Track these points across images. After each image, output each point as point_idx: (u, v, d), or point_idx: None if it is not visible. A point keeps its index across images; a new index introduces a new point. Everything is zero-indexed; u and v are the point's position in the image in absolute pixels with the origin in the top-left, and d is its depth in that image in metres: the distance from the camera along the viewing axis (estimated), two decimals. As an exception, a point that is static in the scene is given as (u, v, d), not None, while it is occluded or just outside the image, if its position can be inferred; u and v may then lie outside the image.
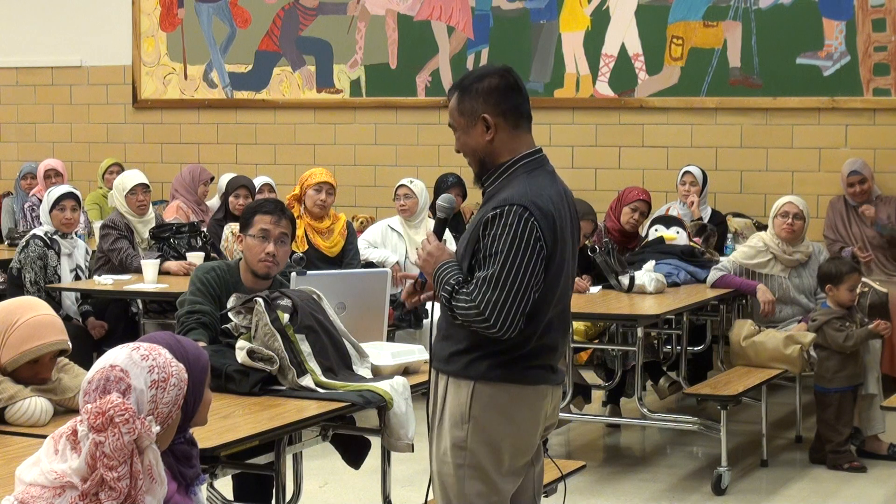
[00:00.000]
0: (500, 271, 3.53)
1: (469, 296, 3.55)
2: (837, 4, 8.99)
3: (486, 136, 3.71)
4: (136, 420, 2.70)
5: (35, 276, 7.50)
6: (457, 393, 3.68)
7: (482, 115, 3.71)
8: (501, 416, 3.66)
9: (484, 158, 3.73)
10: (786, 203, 7.38)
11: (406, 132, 10.14)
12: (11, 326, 3.84)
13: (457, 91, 3.77)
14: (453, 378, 3.69)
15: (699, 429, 6.92)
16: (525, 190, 3.61)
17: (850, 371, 6.82)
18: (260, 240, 4.89)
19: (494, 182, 3.71)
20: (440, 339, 3.76)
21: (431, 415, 3.77)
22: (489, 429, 3.66)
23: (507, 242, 3.54)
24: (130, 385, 2.74)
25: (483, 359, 3.64)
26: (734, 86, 9.24)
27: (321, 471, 6.28)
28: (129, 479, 2.68)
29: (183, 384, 2.83)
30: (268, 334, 4.38)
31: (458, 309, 3.57)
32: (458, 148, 3.81)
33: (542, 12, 9.69)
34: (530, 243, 3.55)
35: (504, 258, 3.53)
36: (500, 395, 3.65)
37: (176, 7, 10.73)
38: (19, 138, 11.36)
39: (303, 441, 4.75)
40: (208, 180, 9.67)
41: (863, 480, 6.61)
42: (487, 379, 3.64)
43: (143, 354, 2.80)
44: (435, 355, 3.79)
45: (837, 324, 6.80)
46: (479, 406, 3.65)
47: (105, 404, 2.70)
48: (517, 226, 3.54)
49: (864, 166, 8.62)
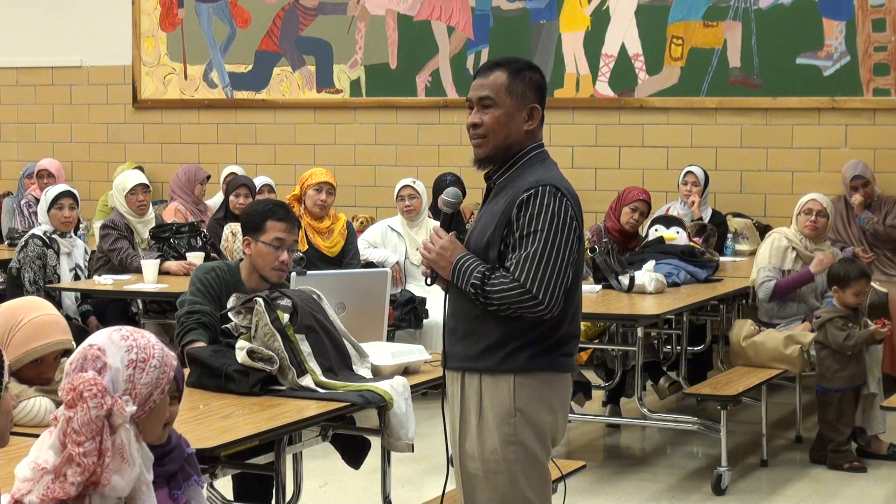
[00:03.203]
0: (542, 248, 3.55)
1: (509, 277, 3.55)
2: (837, 4, 8.99)
3: (527, 125, 3.72)
4: (105, 395, 2.67)
5: (34, 276, 7.50)
6: (496, 388, 3.66)
7: (533, 104, 3.72)
8: (545, 406, 3.69)
9: (511, 144, 3.71)
10: (809, 200, 7.37)
11: (406, 132, 10.14)
12: (16, 326, 3.84)
13: (504, 70, 3.72)
14: (489, 374, 3.67)
15: (699, 429, 6.92)
16: (550, 174, 3.68)
17: (851, 371, 6.81)
18: (275, 249, 4.88)
19: (506, 172, 3.73)
20: (459, 339, 3.73)
21: (461, 417, 3.72)
22: (535, 419, 3.67)
23: (546, 220, 3.57)
24: (106, 363, 2.73)
25: (519, 350, 3.65)
26: (734, 86, 9.24)
27: (321, 471, 6.28)
28: (96, 456, 2.65)
29: (168, 369, 2.79)
30: (268, 334, 4.38)
31: (496, 294, 3.55)
32: (487, 122, 3.70)
33: (542, 12, 9.69)
34: (566, 221, 3.59)
35: (544, 235, 3.56)
36: (541, 385, 3.68)
37: (176, 7, 10.73)
38: (19, 138, 11.36)
39: (303, 441, 4.75)
40: (205, 179, 9.67)
41: (863, 480, 6.61)
42: (527, 370, 3.66)
43: (124, 335, 2.78)
44: (457, 355, 3.74)
45: (840, 323, 6.80)
46: (524, 398, 3.65)
47: (77, 379, 2.69)
48: (554, 204, 3.59)
49: (865, 169, 8.62)
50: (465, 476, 3.75)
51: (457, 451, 3.75)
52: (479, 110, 3.72)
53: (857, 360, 6.82)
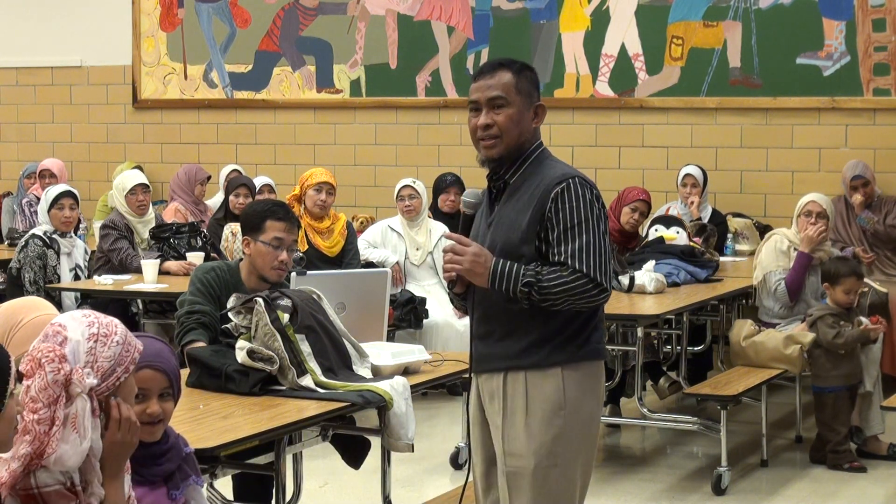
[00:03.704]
0: (592, 237, 3.62)
1: (567, 269, 3.58)
2: (837, 4, 8.99)
3: (534, 123, 3.79)
4: (63, 362, 2.67)
5: (34, 276, 7.50)
6: (543, 384, 3.68)
7: (539, 103, 3.79)
8: (591, 395, 3.74)
9: (522, 143, 3.75)
10: (809, 202, 7.36)
11: (406, 132, 10.14)
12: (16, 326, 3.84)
13: (509, 69, 3.76)
14: (535, 370, 3.69)
15: (699, 429, 6.92)
16: (570, 168, 3.76)
17: (844, 370, 6.82)
18: (274, 248, 4.88)
19: (518, 171, 3.75)
20: (497, 340, 3.73)
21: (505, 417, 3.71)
22: (583, 410, 3.71)
23: (586, 210, 3.64)
24: (67, 337, 2.72)
25: (564, 343, 3.68)
26: (734, 86, 9.24)
27: (321, 471, 6.28)
28: (48, 425, 2.63)
29: (132, 349, 2.78)
30: (268, 334, 4.38)
31: (556, 287, 3.57)
32: (501, 122, 3.72)
33: (542, 12, 9.69)
34: (599, 209, 3.68)
35: (590, 226, 3.63)
36: (586, 375, 3.73)
37: (176, 7, 10.73)
38: (19, 138, 11.36)
39: (303, 441, 4.75)
40: (205, 180, 9.67)
41: (863, 480, 6.61)
42: (573, 361, 3.69)
43: (85, 314, 2.79)
44: (497, 356, 3.74)
45: (830, 320, 6.81)
46: (572, 390, 3.69)
47: (35, 350, 2.69)
48: (589, 194, 3.66)
49: (865, 169, 8.61)
50: (511, 475, 3.72)
51: (501, 451, 3.73)
52: (491, 111, 3.73)
53: (851, 358, 6.82)
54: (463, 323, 8.26)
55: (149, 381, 3.02)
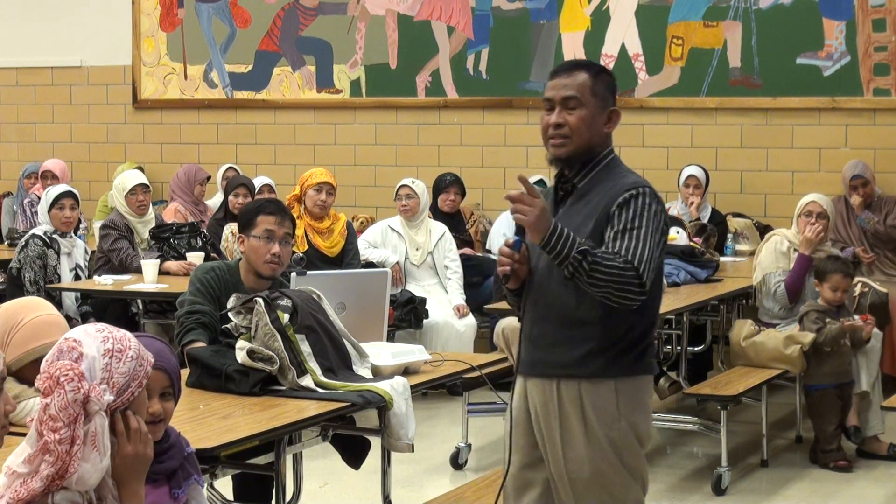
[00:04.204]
0: (644, 239, 3.59)
1: (619, 256, 3.56)
2: (837, 4, 8.99)
3: (606, 128, 3.79)
4: (82, 380, 2.67)
5: (35, 276, 7.50)
6: (598, 394, 3.68)
7: (612, 108, 3.80)
8: (643, 408, 3.75)
9: (592, 146, 3.75)
10: (809, 202, 7.36)
11: (406, 132, 10.14)
12: (16, 326, 3.85)
13: (587, 72, 3.77)
14: (590, 380, 3.68)
15: (699, 429, 6.92)
16: (643, 179, 3.75)
17: (832, 368, 6.82)
18: (265, 241, 4.89)
19: (587, 175, 3.75)
20: (550, 345, 3.72)
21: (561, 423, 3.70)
22: (636, 421, 3.72)
23: (647, 219, 3.62)
24: (82, 353, 2.72)
25: (619, 356, 3.68)
26: (734, 86, 9.24)
27: (321, 471, 6.28)
28: (69, 444, 2.64)
29: (145, 363, 2.79)
30: (268, 334, 4.38)
31: (605, 263, 3.53)
32: (572, 122, 3.72)
33: (542, 12, 9.69)
34: (661, 223, 3.67)
35: (647, 231, 3.61)
36: (638, 389, 3.73)
37: (176, 7, 10.73)
38: (19, 138, 11.35)
39: (303, 441, 4.75)
40: (204, 180, 9.67)
41: (863, 480, 6.61)
42: (627, 374, 3.69)
43: (99, 328, 2.79)
44: (549, 362, 3.72)
45: (815, 316, 6.83)
46: (626, 402, 3.69)
47: (52, 367, 2.69)
48: (655, 207, 3.66)
49: (865, 168, 8.62)
50: (572, 482, 3.72)
51: (559, 458, 3.72)
52: (564, 110, 3.73)
53: (840, 357, 6.82)
54: (463, 323, 8.26)
55: (150, 381, 3.03)
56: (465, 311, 8.34)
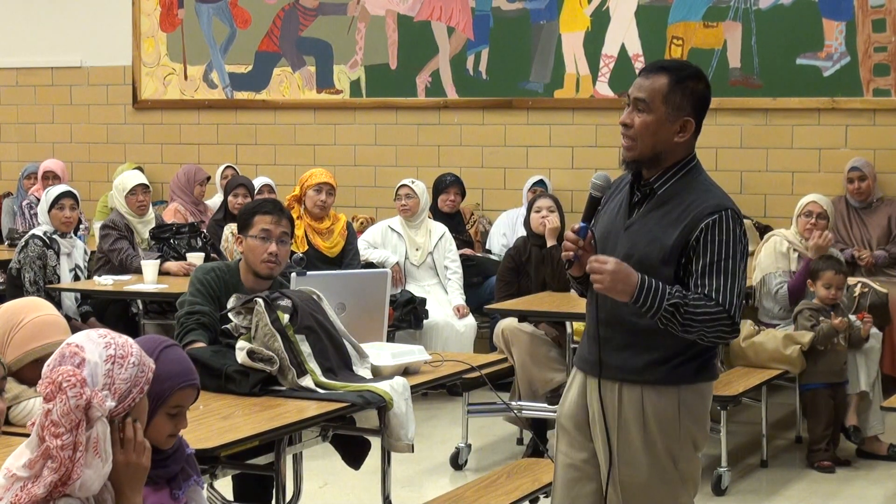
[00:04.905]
0: (735, 277, 3.59)
1: (712, 300, 3.54)
2: (837, 5, 8.99)
3: (678, 137, 3.68)
4: (84, 386, 2.67)
5: (34, 276, 7.50)
6: (660, 401, 3.65)
7: (687, 117, 3.67)
8: (703, 414, 3.73)
9: (661, 153, 3.68)
10: (809, 202, 7.36)
11: (406, 133, 10.14)
12: (16, 326, 3.85)
13: (668, 77, 3.65)
14: (653, 386, 3.65)
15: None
16: (724, 195, 3.68)
17: (825, 367, 6.83)
18: (262, 240, 4.89)
19: (668, 182, 3.69)
20: (616, 349, 3.68)
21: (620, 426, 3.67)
22: (696, 428, 3.70)
23: (733, 247, 3.59)
24: (84, 358, 2.72)
25: (684, 364, 3.65)
26: (734, 86, 9.24)
27: (321, 471, 6.28)
28: (71, 450, 2.64)
29: (146, 368, 2.79)
30: (268, 335, 4.38)
31: (700, 314, 3.52)
32: (636, 126, 3.67)
33: (542, 13, 9.69)
34: (745, 245, 3.65)
35: (735, 263, 3.59)
36: (699, 396, 3.71)
37: (176, 7, 10.73)
38: (19, 139, 11.36)
39: (303, 441, 4.75)
40: (204, 180, 9.68)
41: (863, 481, 6.61)
42: (690, 382, 3.67)
43: (101, 334, 2.79)
44: (615, 365, 3.68)
45: (808, 314, 6.84)
46: (687, 409, 3.67)
47: (55, 373, 2.69)
48: (736, 231, 3.61)
49: (865, 164, 8.62)
50: (623, 484, 3.70)
51: (613, 458, 3.69)
52: (634, 111, 3.68)
53: (833, 356, 6.83)
54: (463, 323, 8.27)
55: (188, 399, 3.03)
56: (464, 311, 8.34)
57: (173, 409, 2.94)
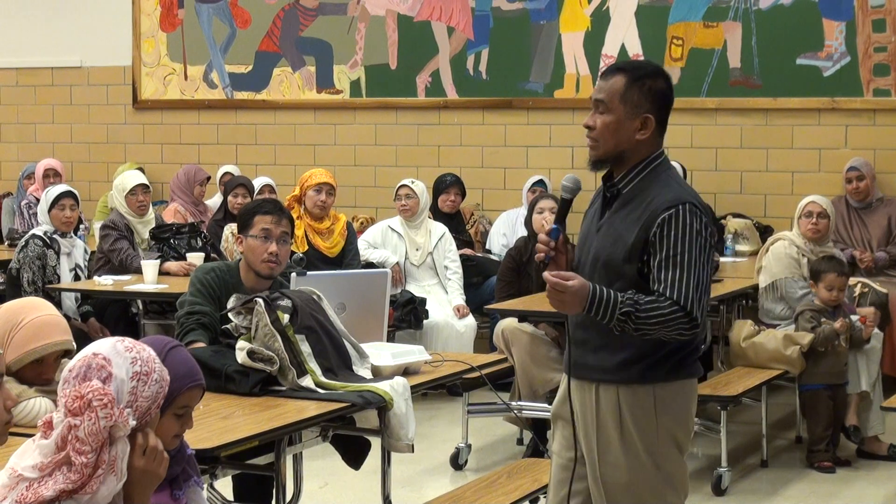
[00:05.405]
0: (692, 269, 3.56)
1: (664, 299, 3.54)
2: (837, 5, 8.99)
3: (638, 135, 3.70)
4: (114, 407, 2.67)
5: (33, 276, 7.49)
6: (636, 400, 3.67)
7: (646, 114, 3.69)
8: (683, 411, 3.73)
9: (624, 152, 3.70)
10: (809, 203, 7.36)
11: (406, 133, 10.14)
12: (16, 326, 3.84)
13: (624, 76, 3.69)
14: (628, 385, 3.67)
15: (699, 429, 6.92)
16: (685, 191, 3.68)
17: (825, 369, 6.83)
18: (262, 240, 4.89)
19: (631, 181, 3.70)
20: (592, 350, 3.71)
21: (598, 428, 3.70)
22: (675, 426, 3.70)
23: (690, 240, 3.58)
24: (112, 373, 2.71)
25: (659, 362, 3.66)
26: (734, 86, 9.24)
27: (321, 471, 6.28)
28: (92, 468, 2.64)
29: (164, 384, 2.80)
30: (268, 335, 4.38)
31: (651, 319, 3.53)
32: (598, 127, 3.70)
33: (542, 13, 9.69)
34: (706, 239, 3.62)
35: (693, 257, 3.57)
36: (678, 393, 3.71)
37: (176, 7, 10.73)
38: (19, 139, 11.36)
39: (303, 441, 4.75)
40: (204, 180, 9.67)
41: (863, 481, 6.61)
42: (666, 380, 3.68)
43: (128, 347, 2.77)
44: (590, 366, 3.71)
45: (809, 315, 6.83)
46: (664, 407, 3.68)
47: (84, 388, 2.67)
48: (696, 224, 3.60)
49: (864, 164, 8.62)
50: (605, 484, 3.72)
51: (594, 459, 3.72)
52: (595, 113, 3.72)
53: (835, 357, 6.82)
54: (463, 323, 8.27)
55: (195, 399, 3.03)
56: (465, 311, 8.34)
57: (180, 410, 2.94)
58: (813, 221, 7.29)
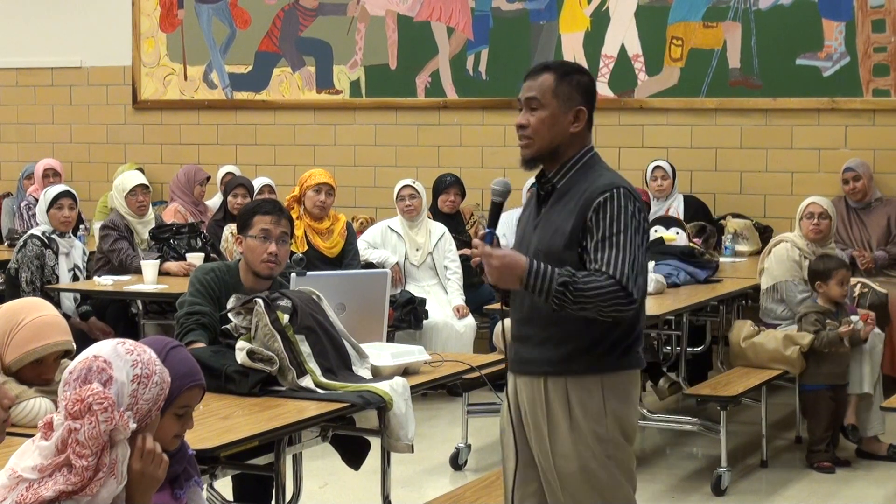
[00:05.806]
0: (627, 248, 3.62)
1: (601, 274, 3.58)
2: (837, 5, 8.99)
3: (572, 128, 3.78)
4: (114, 410, 2.67)
5: (31, 276, 7.49)
6: (584, 390, 3.71)
7: (579, 107, 3.77)
8: (629, 402, 3.78)
9: (559, 146, 3.77)
10: (810, 204, 7.36)
11: (406, 133, 10.14)
12: (16, 326, 3.84)
13: (552, 73, 3.78)
14: (576, 377, 3.72)
15: (699, 429, 6.92)
16: (617, 178, 3.75)
17: (827, 370, 6.82)
18: (261, 240, 4.90)
19: (565, 175, 3.78)
20: (536, 345, 3.75)
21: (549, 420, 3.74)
22: (623, 416, 3.75)
23: (625, 222, 3.64)
24: (112, 376, 2.71)
25: (606, 353, 3.71)
26: (734, 86, 9.24)
27: (321, 471, 6.28)
28: (93, 471, 2.65)
29: (165, 385, 2.80)
30: (268, 335, 4.38)
31: (589, 291, 3.57)
32: (532, 124, 3.76)
33: (542, 13, 9.69)
34: (640, 222, 3.68)
35: (628, 237, 3.63)
36: (625, 383, 3.77)
37: (176, 8, 10.73)
38: (19, 139, 11.36)
39: (302, 441, 4.75)
40: (204, 180, 9.67)
41: (863, 481, 6.61)
42: (614, 369, 3.73)
43: (129, 349, 2.77)
44: (536, 360, 3.76)
45: (814, 318, 6.83)
46: (612, 397, 3.72)
47: (84, 391, 2.68)
48: (630, 206, 3.66)
49: (860, 165, 8.62)
50: (560, 476, 3.76)
51: (546, 452, 3.77)
52: (527, 111, 3.77)
53: (837, 359, 6.82)
54: (463, 324, 8.27)
55: (195, 399, 3.03)
56: (464, 311, 8.34)
57: (181, 410, 2.94)
58: (815, 222, 7.29)
